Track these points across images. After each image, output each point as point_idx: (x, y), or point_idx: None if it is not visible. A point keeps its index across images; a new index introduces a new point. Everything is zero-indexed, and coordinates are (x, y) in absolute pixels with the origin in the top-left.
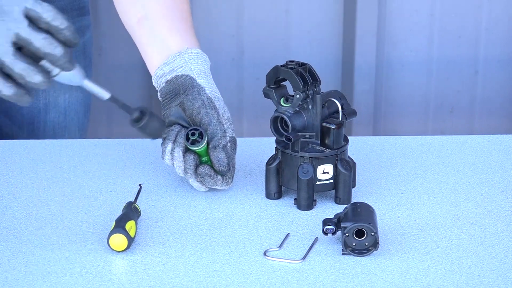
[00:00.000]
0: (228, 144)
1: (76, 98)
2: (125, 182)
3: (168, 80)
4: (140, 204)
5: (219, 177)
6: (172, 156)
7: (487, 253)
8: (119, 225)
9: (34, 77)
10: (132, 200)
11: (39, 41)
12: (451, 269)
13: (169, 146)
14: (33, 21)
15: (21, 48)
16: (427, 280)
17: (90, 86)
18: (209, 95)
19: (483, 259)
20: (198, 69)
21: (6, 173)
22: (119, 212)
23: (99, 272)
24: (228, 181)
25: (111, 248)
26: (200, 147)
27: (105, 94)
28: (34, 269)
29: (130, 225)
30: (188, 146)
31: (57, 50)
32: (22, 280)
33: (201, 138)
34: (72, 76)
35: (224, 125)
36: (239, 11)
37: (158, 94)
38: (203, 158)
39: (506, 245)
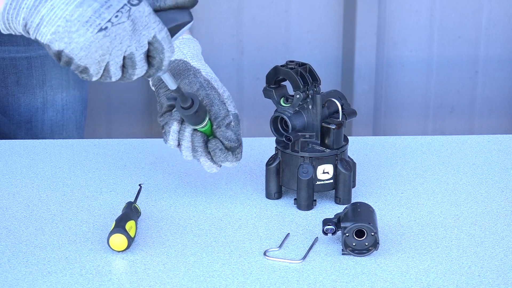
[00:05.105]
0: (232, 122)
1: (73, 96)
2: (125, 182)
3: None
4: (140, 204)
5: (229, 152)
6: (181, 136)
7: (487, 253)
8: (119, 225)
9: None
10: (132, 200)
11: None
12: (451, 269)
13: (174, 126)
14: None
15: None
16: (427, 280)
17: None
18: (206, 76)
19: (483, 259)
20: (191, 53)
21: (6, 173)
22: (119, 212)
23: (99, 272)
24: (237, 157)
25: (111, 248)
26: (202, 125)
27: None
28: (34, 269)
29: (130, 225)
30: (192, 127)
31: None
32: (22, 280)
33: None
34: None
35: (225, 103)
36: (239, 11)
37: (151, 83)
38: (210, 138)
39: (506, 245)
